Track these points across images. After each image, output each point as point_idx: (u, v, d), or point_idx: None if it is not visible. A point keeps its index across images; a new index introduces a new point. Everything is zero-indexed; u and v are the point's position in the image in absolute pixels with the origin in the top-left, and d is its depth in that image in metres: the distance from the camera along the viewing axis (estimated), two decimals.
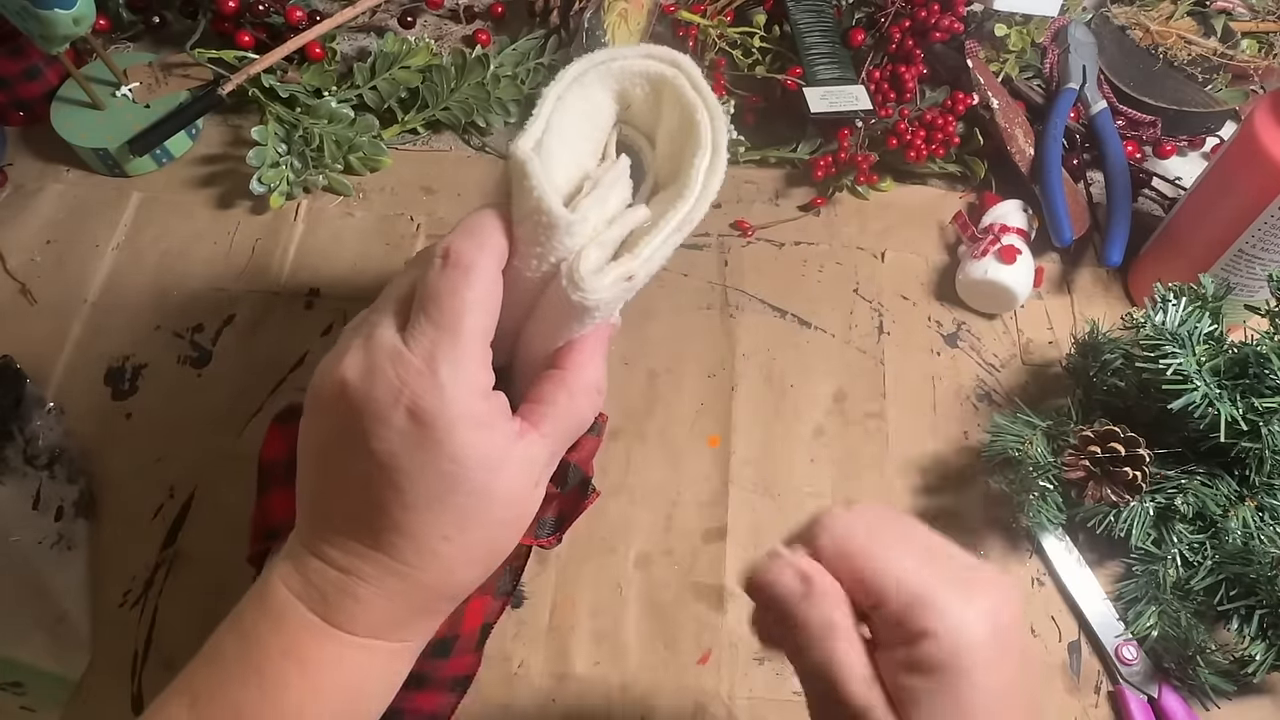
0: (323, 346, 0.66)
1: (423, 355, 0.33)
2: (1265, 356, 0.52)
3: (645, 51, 0.39)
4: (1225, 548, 0.54)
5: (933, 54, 0.77)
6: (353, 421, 0.34)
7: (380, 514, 0.34)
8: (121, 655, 0.54)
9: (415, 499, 0.34)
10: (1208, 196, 0.63)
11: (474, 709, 0.53)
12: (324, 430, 0.36)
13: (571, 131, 0.39)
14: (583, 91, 0.39)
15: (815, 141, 0.76)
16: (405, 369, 0.33)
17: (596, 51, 0.39)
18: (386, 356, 0.34)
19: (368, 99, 0.76)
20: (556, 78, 0.38)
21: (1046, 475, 0.56)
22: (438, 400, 0.33)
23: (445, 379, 0.33)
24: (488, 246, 0.36)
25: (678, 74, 0.39)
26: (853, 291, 0.70)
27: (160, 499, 0.59)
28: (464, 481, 0.34)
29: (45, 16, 0.63)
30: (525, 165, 0.35)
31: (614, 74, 0.39)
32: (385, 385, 0.33)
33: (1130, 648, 0.55)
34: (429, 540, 0.34)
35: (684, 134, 0.39)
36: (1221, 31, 0.82)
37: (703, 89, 0.39)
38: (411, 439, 0.33)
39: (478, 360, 0.34)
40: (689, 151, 0.39)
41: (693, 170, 0.38)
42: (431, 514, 0.34)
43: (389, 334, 0.34)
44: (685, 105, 0.39)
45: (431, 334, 0.34)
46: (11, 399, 0.61)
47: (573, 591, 0.57)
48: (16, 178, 0.74)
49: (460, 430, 0.33)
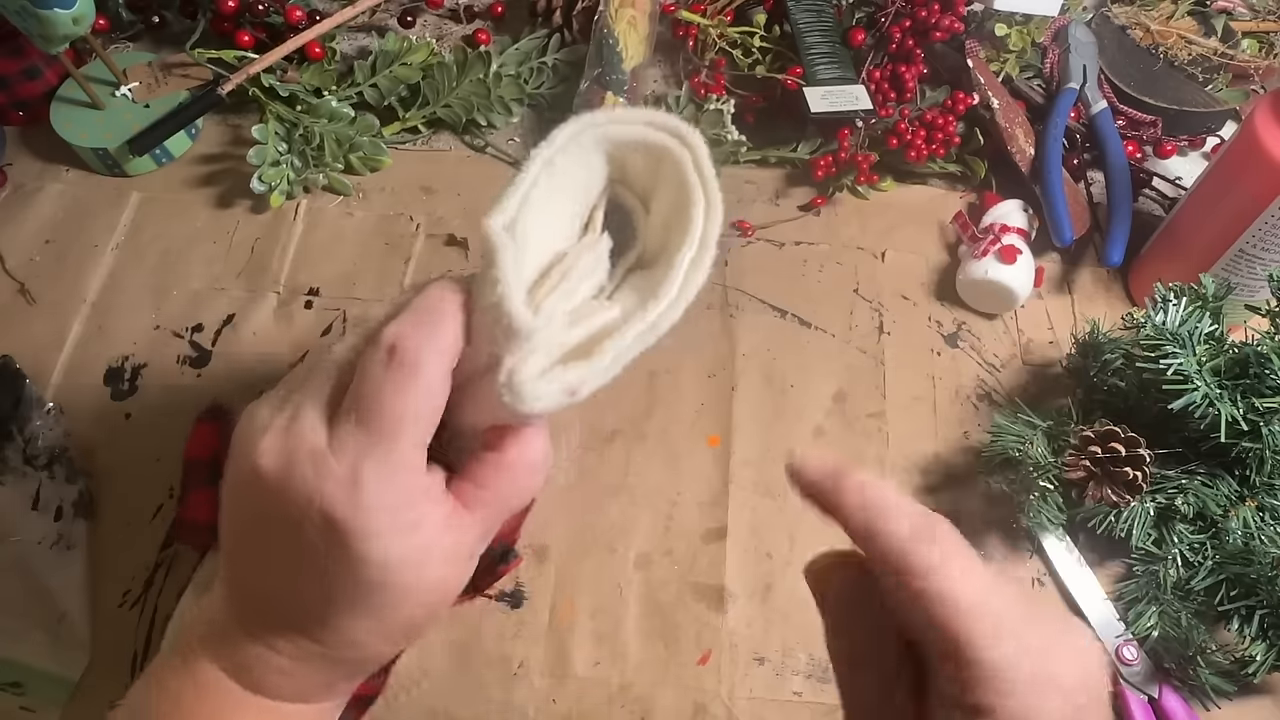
0: (322, 346, 0.66)
1: (347, 464, 0.30)
2: (1266, 356, 0.52)
3: (647, 119, 0.36)
4: (1226, 548, 0.54)
5: (933, 54, 0.77)
6: (271, 509, 0.31)
7: (300, 607, 0.33)
8: (121, 655, 0.54)
9: (335, 597, 0.32)
10: (1208, 196, 0.63)
11: (474, 709, 0.53)
12: (244, 511, 0.34)
13: (557, 200, 0.36)
14: (577, 154, 0.36)
15: (815, 141, 0.76)
16: (326, 475, 0.30)
17: (594, 112, 0.36)
18: (307, 455, 0.31)
19: (368, 96, 0.76)
20: (548, 139, 0.35)
21: (1047, 475, 0.56)
22: (356, 515, 0.30)
23: (369, 494, 0.30)
24: (439, 344, 0.32)
25: (682, 150, 0.36)
26: (853, 291, 0.70)
27: (160, 499, 0.59)
28: (387, 585, 0.32)
29: (45, 16, 0.63)
30: (494, 253, 0.31)
31: (611, 138, 0.36)
32: (302, 486, 0.30)
33: (1131, 648, 0.55)
34: (351, 631, 0.33)
35: (676, 215, 0.36)
36: (1222, 31, 0.82)
37: (705, 172, 0.35)
38: (326, 545, 0.31)
39: (411, 468, 0.31)
40: (676, 239, 0.35)
41: (674, 268, 0.34)
42: (353, 611, 0.32)
43: (313, 426, 0.31)
44: (684, 186, 0.35)
45: (361, 440, 0.30)
46: (11, 399, 0.61)
47: (573, 591, 0.57)
48: (16, 178, 0.74)
49: (380, 541, 0.31)
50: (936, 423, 0.64)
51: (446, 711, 0.53)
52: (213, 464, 0.47)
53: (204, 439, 0.51)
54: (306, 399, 0.32)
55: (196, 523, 0.49)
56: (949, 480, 0.62)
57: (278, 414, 0.32)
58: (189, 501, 0.50)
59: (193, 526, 0.49)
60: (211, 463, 0.50)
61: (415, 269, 0.70)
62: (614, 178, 0.38)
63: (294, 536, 0.31)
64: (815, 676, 0.55)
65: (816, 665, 0.55)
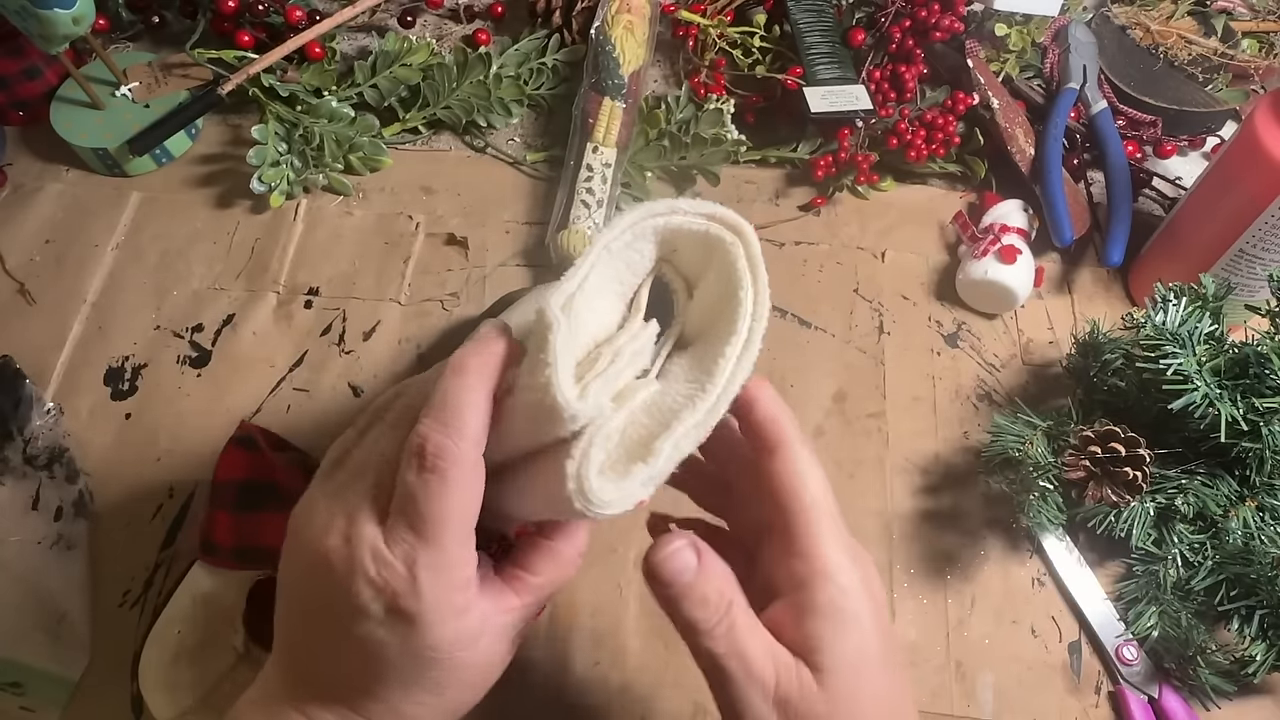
0: (323, 346, 0.66)
1: (403, 560, 0.34)
2: (1265, 356, 0.52)
3: (708, 213, 0.36)
4: (1226, 548, 0.54)
5: (933, 54, 0.77)
6: (335, 599, 0.35)
7: (358, 686, 0.36)
8: (121, 655, 0.54)
9: (393, 677, 0.35)
10: (1208, 196, 0.63)
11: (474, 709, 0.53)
12: (306, 591, 0.37)
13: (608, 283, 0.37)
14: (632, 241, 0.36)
15: (815, 141, 0.76)
16: (387, 571, 0.34)
17: (656, 202, 0.36)
18: (368, 555, 0.34)
19: (368, 97, 0.76)
20: (609, 224, 0.36)
21: (1047, 475, 0.56)
22: (417, 602, 0.34)
23: (424, 583, 0.34)
24: (466, 439, 0.34)
25: (736, 242, 0.36)
26: (853, 291, 0.70)
27: (160, 499, 0.59)
28: (440, 662, 0.35)
29: (45, 16, 0.63)
30: (547, 333, 0.31)
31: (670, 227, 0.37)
32: (367, 581, 0.34)
33: (1131, 648, 0.55)
34: (403, 707, 0.36)
35: (722, 305, 0.36)
36: (1222, 31, 0.82)
37: (757, 266, 0.36)
38: (391, 629, 0.34)
39: (458, 559, 0.35)
40: (721, 328, 0.36)
41: (721, 361, 0.35)
42: (408, 688, 0.36)
43: (368, 529, 0.35)
44: (732, 278, 0.36)
45: (411, 541, 0.34)
46: (11, 399, 0.61)
47: (573, 591, 0.57)
48: (16, 178, 0.74)
49: (438, 625, 0.34)
50: (936, 422, 0.64)
51: None
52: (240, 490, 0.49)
53: (235, 463, 0.52)
54: (361, 503, 0.35)
55: (219, 544, 0.50)
56: (949, 480, 0.62)
57: (336, 516, 0.36)
58: (215, 521, 0.52)
59: (215, 546, 0.51)
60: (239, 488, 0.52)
61: (415, 268, 0.70)
62: (661, 256, 0.39)
63: (357, 627, 0.34)
64: None
65: None
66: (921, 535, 0.59)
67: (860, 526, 0.60)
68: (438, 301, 0.68)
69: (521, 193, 0.74)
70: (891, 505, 0.61)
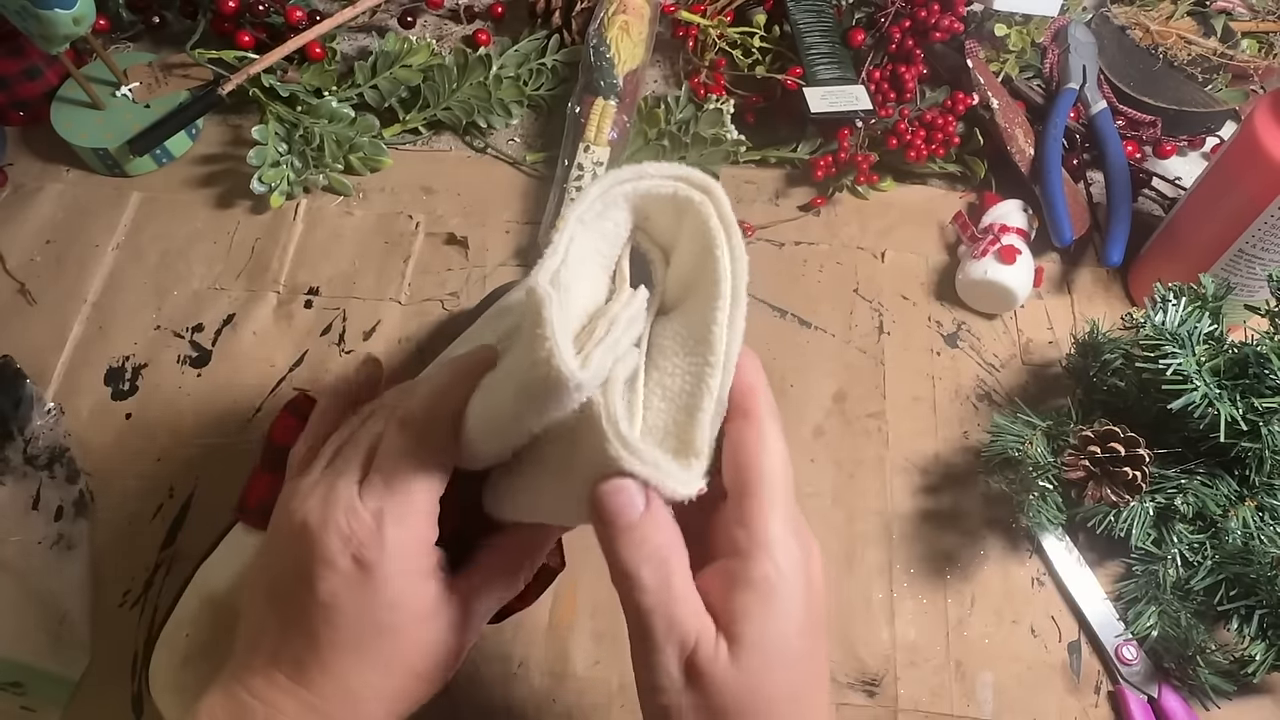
0: (323, 346, 0.66)
1: (372, 511, 0.36)
2: (1265, 356, 0.52)
3: (675, 173, 0.37)
4: (1225, 548, 0.54)
5: (933, 54, 0.77)
6: (303, 561, 0.37)
7: (311, 650, 0.37)
8: (121, 655, 0.54)
9: (346, 638, 0.36)
10: (1208, 196, 0.63)
11: (474, 709, 0.53)
12: (277, 565, 0.39)
13: (588, 255, 0.37)
14: (604, 211, 0.37)
15: (815, 141, 0.76)
16: (356, 521, 0.36)
17: (622, 169, 0.36)
18: (342, 508, 0.37)
19: (368, 98, 0.76)
20: (578, 198, 0.36)
21: (1046, 475, 0.56)
22: (379, 552, 0.36)
23: (389, 535, 0.36)
24: (443, 414, 0.38)
25: (705, 200, 0.36)
26: (853, 291, 0.70)
27: (160, 499, 0.59)
28: (393, 627, 0.37)
29: (45, 16, 0.63)
30: (540, 308, 0.31)
31: (638, 193, 0.37)
32: (337, 533, 0.36)
33: (1130, 648, 0.55)
34: (350, 681, 0.37)
35: (701, 267, 0.36)
36: (1221, 31, 0.82)
37: (730, 224, 0.36)
38: (353, 583, 0.36)
39: (422, 519, 0.37)
40: (704, 292, 0.35)
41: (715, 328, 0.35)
42: (358, 655, 0.37)
43: (347, 488, 0.37)
44: (706, 237, 0.36)
45: (382, 492, 0.37)
46: (12, 399, 0.61)
47: (573, 591, 0.57)
48: (16, 178, 0.74)
49: (396, 580, 0.36)
50: (936, 422, 0.64)
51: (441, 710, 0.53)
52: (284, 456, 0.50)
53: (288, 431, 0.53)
54: (344, 468, 0.38)
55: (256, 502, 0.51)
56: (949, 480, 0.62)
57: (319, 484, 0.38)
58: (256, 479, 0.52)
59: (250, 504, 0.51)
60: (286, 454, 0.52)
61: (415, 268, 0.70)
62: (635, 224, 0.39)
63: (321, 582, 0.36)
64: None
65: None
66: (921, 535, 0.59)
67: (860, 526, 0.60)
68: (438, 301, 0.68)
69: (521, 193, 0.74)
70: (891, 505, 0.61)
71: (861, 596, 0.58)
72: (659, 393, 0.35)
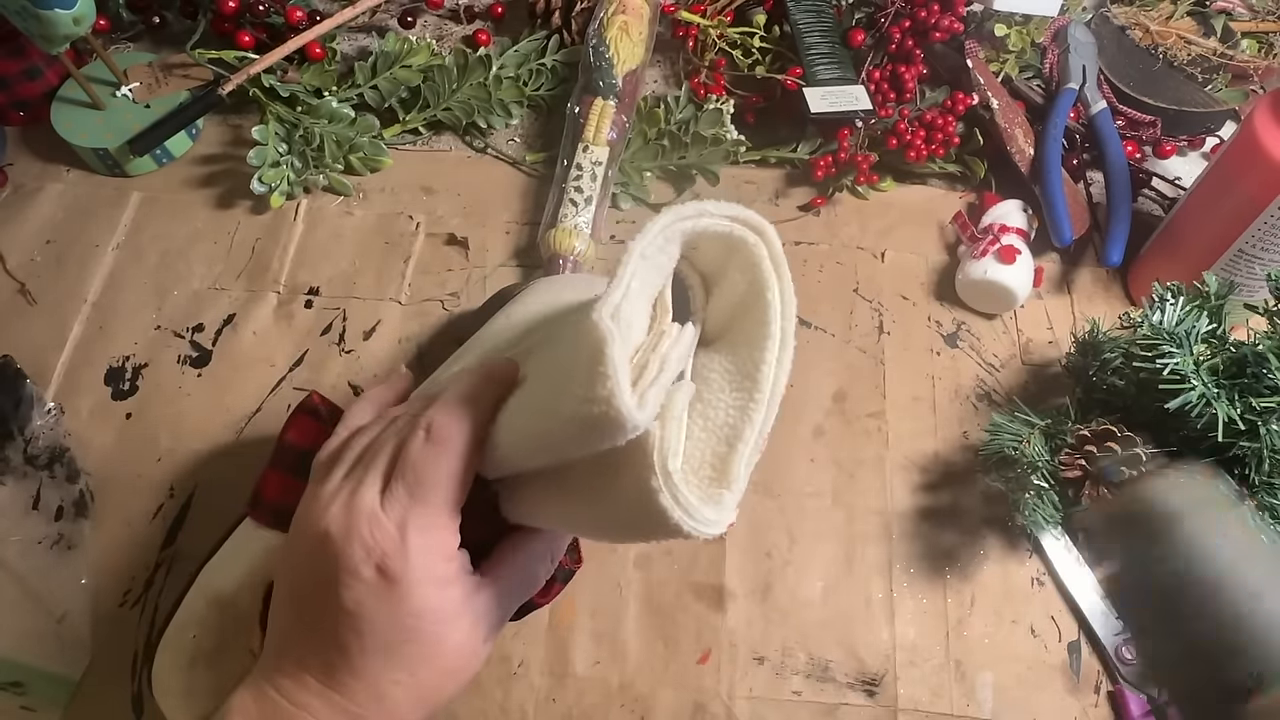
0: (323, 346, 0.66)
1: (395, 521, 0.37)
2: (1263, 356, 0.52)
3: (732, 214, 0.37)
4: None
5: (933, 54, 0.77)
6: (327, 570, 0.37)
7: (340, 656, 0.37)
8: (121, 655, 0.54)
9: (374, 645, 0.37)
10: (1208, 196, 0.63)
11: (474, 708, 0.53)
12: (301, 572, 0.39)
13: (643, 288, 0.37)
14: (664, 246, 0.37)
15: (815, 141, 0.76)
16: (379, 531, 0.37)
17: (684, 205, 0.37)
18: (365, 517, 0.37)
19: (368, 98, 0.76)
20: (641, 232, 0.35)
21: (1042, 474, 0.56)
22: (403, 563, 0.36)
23: (413, 545, 0.37)
24: (469, 424, 0.38)
25: (759, 243, 0.37)
26: (853, 291, 0.70)
27: (160, 499, 0.59)
28: (420, 632, 0.37)
29: (45, 16, 0.63)
30: (605, 349, 0.31)
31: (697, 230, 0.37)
32: (360, 543, 0.37)
33: (1130, 647, 0.55)
34: (380, 683, 0.37)
35: (749, 305, 0.37)
36: (1221, 31, 0.82)
37: (780, 265, 0.37)
38: (378, 592, 0.37)
39: (446, 527, 0.38)
40: (752, 331, 0.36)
41: (764, 368, 0.36)
42: (387, 659, 0.37)
43: (370, 496, 0.38)
44: (757, 278, 0.37)
45: (405, 502, 0.37)
46: (12, 399, 0.61)
47: (573, 591, 0.57)
48: (16, 178, 0.74)
49: (421, 589, 0.37)
50: (936, 422, 0.64)
51: (446, 710, 0.53)
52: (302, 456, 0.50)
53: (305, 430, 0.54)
54: (366, 475, 0.39)
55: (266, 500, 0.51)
56: (948, 479, 0.62)
57: (340, 491, 0.39)
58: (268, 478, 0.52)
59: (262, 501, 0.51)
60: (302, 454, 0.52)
61: (415, 268, 0.70)
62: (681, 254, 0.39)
63: (345, 591, 0.37)
64: (815, 676, 0.55)
65: (816, 665, 0.55)
66: (921, 535, 0.60)
67: (860, 526, 0.60)
68: (438, 301, 0.68)
69: (521, 193, 0.74)
70: (891, 505, 0.61)
71: (861, 596, 0.58)
72: (700, 423, 0.36)
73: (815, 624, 0.57)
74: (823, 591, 0.58)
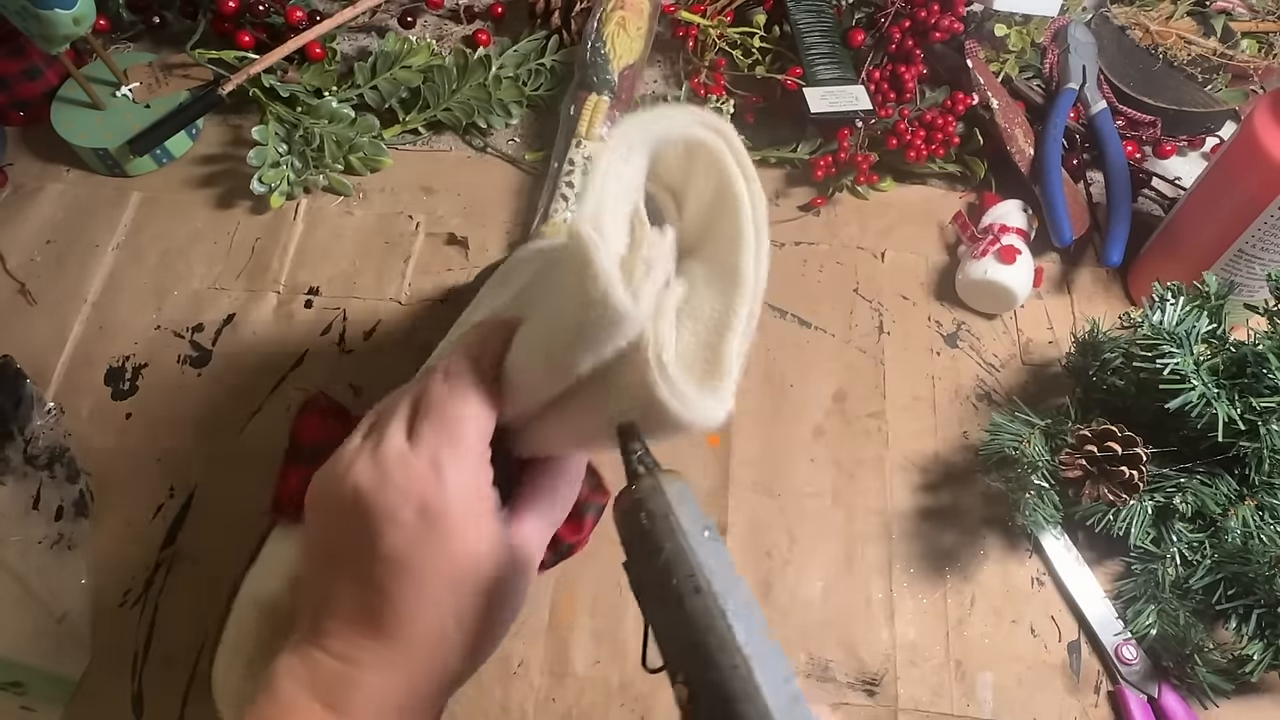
0: (323, 346, 0.66)
1: (428, 459, 0.36)
2: (1263, 356, 0.52)
3: (692, 116, 0.38)
4: (1224, 547, 0.54)
5: (933, 54, 0.77)
6: (364, 524, 0.36)
7: (389, 605, 0.36)
8: (121, 655, 0.54)
9: (422, 587, 0.36)
10: (1208, 196, 0.63)
11: (474, 707, 0.53)
12: (333, 534, 0.38)
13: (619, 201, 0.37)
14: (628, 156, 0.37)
15: (815, 141, 0.76)
16: (413, 472, 0.36)
17: (643, 114, 0.37)
18: (395, 462, 0.37)
19: (368, 98, 0.76)
20: (609, 145, 0.36)
21: (1042, 473, 0.56)
22: (443, 498, 0.36)
23: (450, 479, 0.36)
24: (484, 363, 0.38)
25: (719, 140, 0.38)
26: (853, 291, 0.70)
27: (160, 499, 0.59)
28: (465, 573, 0.37)
29: (45, 16, 0.63)
30: (589, 252, 0.32)
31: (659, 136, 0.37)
32: (395, 488, 0.36)
33: (1130, 647, 0.55)
34: (430, 627, 0.37)
35: (719, 205, 0.38)
36: (1221, 31, 0.82)
37: (743, 159, 0.38)
38: (420, 533, 0.36)
39: (478, 463, 0.38)
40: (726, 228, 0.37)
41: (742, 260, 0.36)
42: (436, 600, 0.37)
43: (397, 442, 0.37)
44: (723, 175, 0.38)
45: (434, 441, 0.37)
46: (12, 399, 0.61)
47: (573, 591, 0.57)
48: (16, 178, 0.74)
49: (464, 526, 0.36)
50: (936, 422, 0.64)
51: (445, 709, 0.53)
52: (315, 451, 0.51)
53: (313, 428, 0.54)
54: (387, 427, 0.38)
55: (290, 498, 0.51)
56: (948, 479, 0.62)
57: (362, 449, 0.38)
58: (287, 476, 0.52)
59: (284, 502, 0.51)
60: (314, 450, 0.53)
61: (415, 268, 0.70)
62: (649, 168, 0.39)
63: (387, 539, 0.36)
64: (815, 676, 0.55)
65: (816, 665, 0.55)
66: (921, 534, 0.60)
67: (860, 526, 0.60)
68: (438, 302, 0.68)
69: (521, 192, 0.74)
70: (891, 504, 0.61)
71: (861, 596, 0.58)
72: (690, 325, 0.37)
73: (815, 624, 0.57)
74: (823, 591, 0.58)
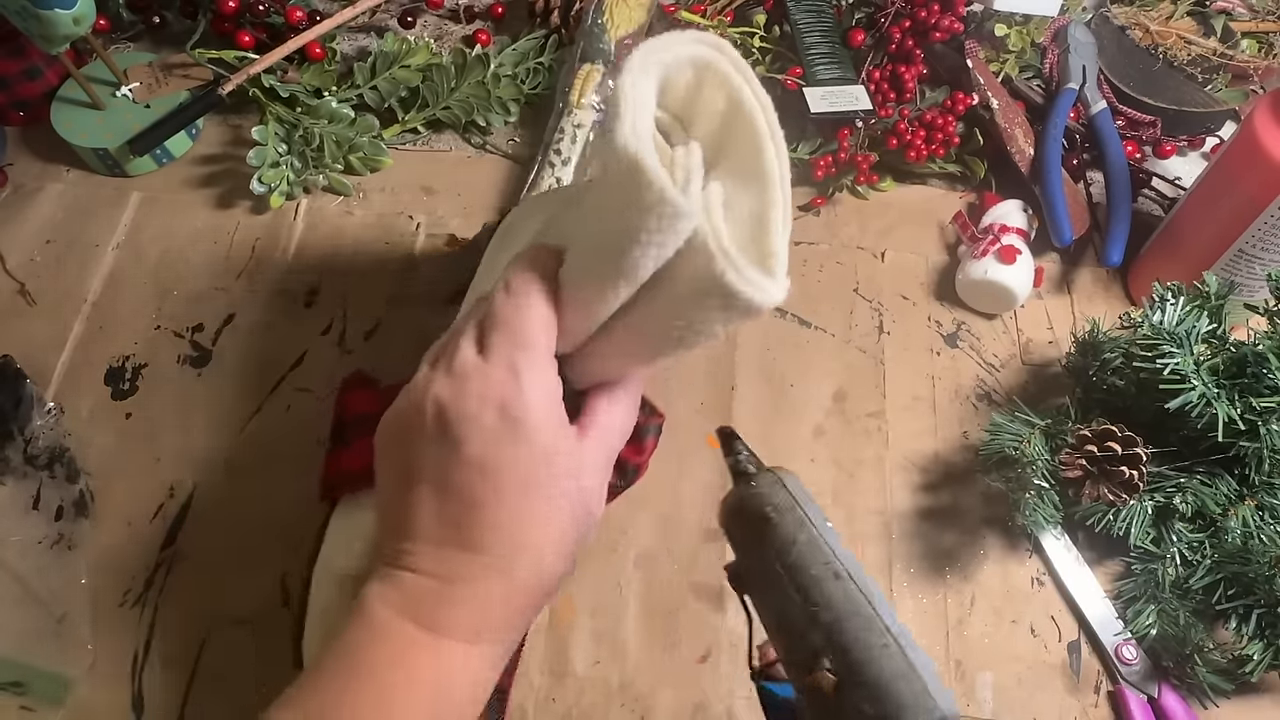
0: (323, 346, 0.66)
1: (505, 365, 0.37)
2: (1263, 356, 0.52)
3: (694, 37, 0.39)
4: (1224, 547, 0.54)
5: (933, 54, 0.77)
6: (445, 434, 0.37)
7: (476, 513, 0.37)
8: (121, 655, 0.54)
9: (509, 490, 0.37)
10: (1208, 196, 0.63)
11: None
12: (412, 457, 0.38)
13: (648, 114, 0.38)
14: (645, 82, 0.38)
15: (815, 141, 0.76)
16: (491, 378, 0.37)
17: (653, 40, 0.38)
18: (471, 373, 0.37)
19: (368, 98, 0.76)
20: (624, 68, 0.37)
21: (1042, 473, 0.56)
22: (521, 401, 0.36)
23: (526, 383, 0.37)
24: (544, 275, 0.38)
25: (720, 57, 0.39)
26: (853, 291, 0.70)
27: (160, 499, 0.59)
28: (551, 472, 0.37)
29: (45, 16, 0.63)
30: (639, 159, 0.33)
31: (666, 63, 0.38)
32: (474, 395, 0.37)
33: (1130, 647, 0.55)
34: (522, 530, 0.37)
35: (733, 116, 0.40)
36: (1221, 31, 0.82)
37: (745, 70, 0.39)
38: (503, 436, 0.36)
39: (551, 367, 0.38)
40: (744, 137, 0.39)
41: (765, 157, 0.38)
42: (524, 503, 0.37)
43: (469, 354, 0.38)
44: (731, 87, 0.39)
45: (507, 349, 0.37)
46: (12, 399, 0.61)
47: (573, 591, 0.57)
48: (16, 178, 0.74)
49: (544, 430, 0.37)
50: (936, 422, 0.64)
51: None
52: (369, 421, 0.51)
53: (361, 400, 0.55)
54: (457, 346, 0.38)
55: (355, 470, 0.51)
56: (948, 479, 0.62)
57: (435, 371, 0.38)
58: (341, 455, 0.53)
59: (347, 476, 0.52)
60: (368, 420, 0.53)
61: (415, 268, 0.70)
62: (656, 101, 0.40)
63: (469, 446, 0.36)
64: None
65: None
66: (921, 534, 0.60)
67: (860, 526, 0.60)
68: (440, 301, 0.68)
69: (521, 192, 0.74)
70: (891, 504, 0.61)
71: None
72: (730, 227, 0.37)
73: None
74: None
